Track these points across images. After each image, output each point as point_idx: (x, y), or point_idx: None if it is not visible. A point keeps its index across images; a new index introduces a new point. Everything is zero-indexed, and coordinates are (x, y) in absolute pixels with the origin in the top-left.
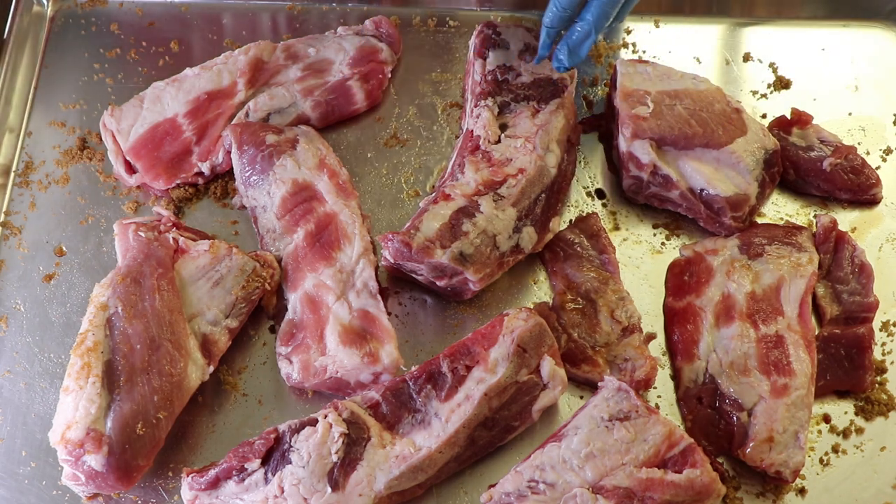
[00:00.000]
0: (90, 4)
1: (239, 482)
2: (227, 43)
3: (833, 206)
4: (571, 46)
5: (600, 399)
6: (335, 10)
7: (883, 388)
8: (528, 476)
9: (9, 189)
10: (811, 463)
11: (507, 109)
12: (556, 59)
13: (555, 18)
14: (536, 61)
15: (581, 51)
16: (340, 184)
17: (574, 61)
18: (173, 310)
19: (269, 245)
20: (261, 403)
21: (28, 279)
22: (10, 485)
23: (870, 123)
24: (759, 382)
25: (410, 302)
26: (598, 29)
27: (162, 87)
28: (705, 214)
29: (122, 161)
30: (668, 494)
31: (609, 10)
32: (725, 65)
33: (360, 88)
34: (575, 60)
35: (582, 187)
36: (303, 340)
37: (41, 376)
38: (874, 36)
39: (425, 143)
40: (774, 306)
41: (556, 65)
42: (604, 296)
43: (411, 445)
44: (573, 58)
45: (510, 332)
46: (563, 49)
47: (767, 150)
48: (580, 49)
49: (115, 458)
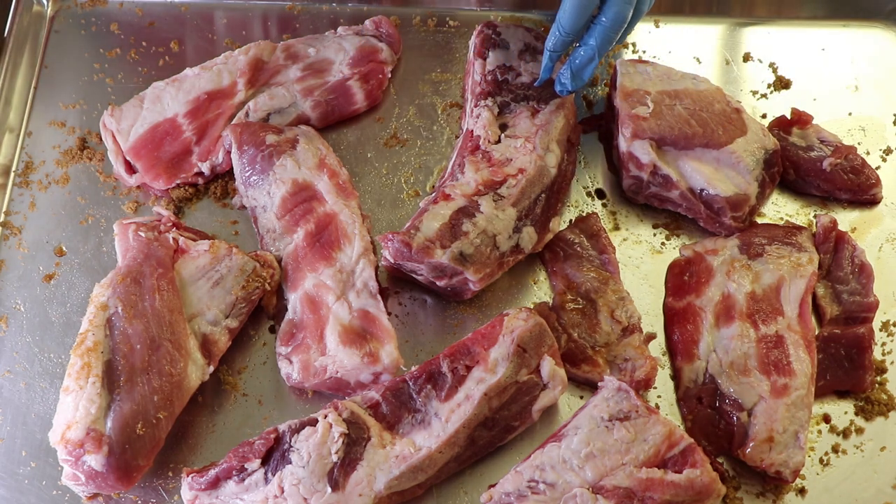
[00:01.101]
0: (90, 4)
1: (239, 482)
2: (227, 43)
3: (833, 206)
4: (575, 70)
5: (600, 399)
6: (335, 10)
7: (883, 388)
8: (528, 476)
9: (9, 189)
10: (811, 463)
11: (507, 109)
12: (559, 83)
13: (557, 42)
14: (538, 83)
15: (584, 74)
16: (340, 184)
17: (577, 85)
18: (173, 310)
19: (269, 245)
20: (261, 403)
21: (28, 279)
22: (10, 485)
23: (870, 123)
24: (759, 382)
25: (410, 302)
26: (602, 53)
27: (162, 87)
28: (705, 214)
29: (122, 161)
30: (668, 494)
31: (612, 35)
32: (725, 65)
33: (360, 88)
34: (578, 84)
35: (582, 187)
36: (303, 340)
37: (41, 376)
38: (874, 36)
39: (425, 143)
40: (774, 306)
41: (558, 88)
42: (604, 296)
43: (411, 445)
44: (576, 81)
45: (510, 332)
46: (566, 73)
47: (767, 150)
48: (583, 73)
49: (115, 458)
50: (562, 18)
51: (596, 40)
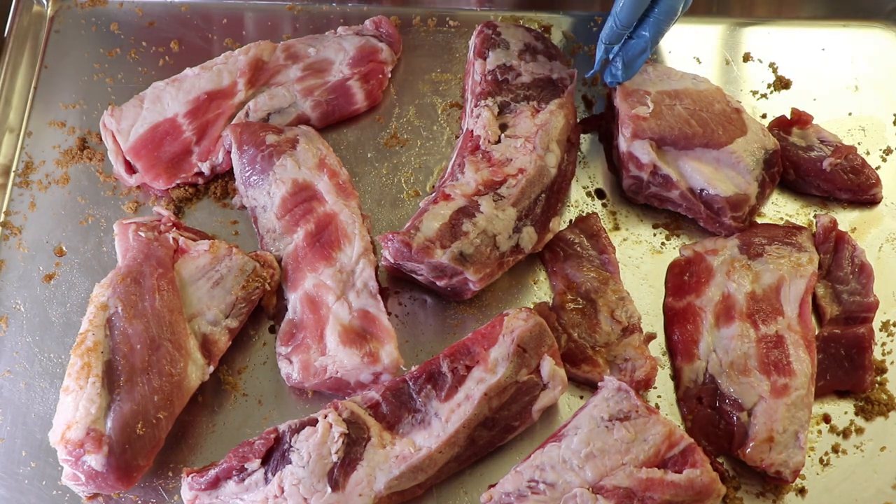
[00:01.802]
0: (90, 4)
1: (239, 482)
2: (227, 43)
3: (833, 206)
4: (627, 61)
5: (600, 399)
6: (335, 10)
7: (883, 388)
8: (528, 476)
9: (9, 189)
10: (811, 463)
11: (508, 109)
12: (610, 75)
13: (612, 35)
14: (589, 75)
15: (636, 65)
16: (340, 184)
17: (629, 76)
18: (173, 310)
19: (269, 245)
20: (261, 403)
21: (28, 279)
22: (10, 485)
23: (870, 123)
24: (759, 382)
25: (410, 302)
26: (654, 44)
27: (162, 87)
28: (705, 214)
29: (122, 161)
30: (668, 494)
31: (665, 27)
32: (725, 65)
33: (360, 88)
34: (629, 75)
35: (582, 187)
36: (303, 340)
37: (41, 376)
38: (874, 36)
39: (425, 143)
40: (774, 306)
41: (609, 80)
42: (604, 296)
43: (411, 445)
44: (628, 72)
45: (510, 332)
46: (618, 64)
47: (767, 150)
48: (635, 64)
49: (115, 458)
50: (619, 12)
51: (650, 31)
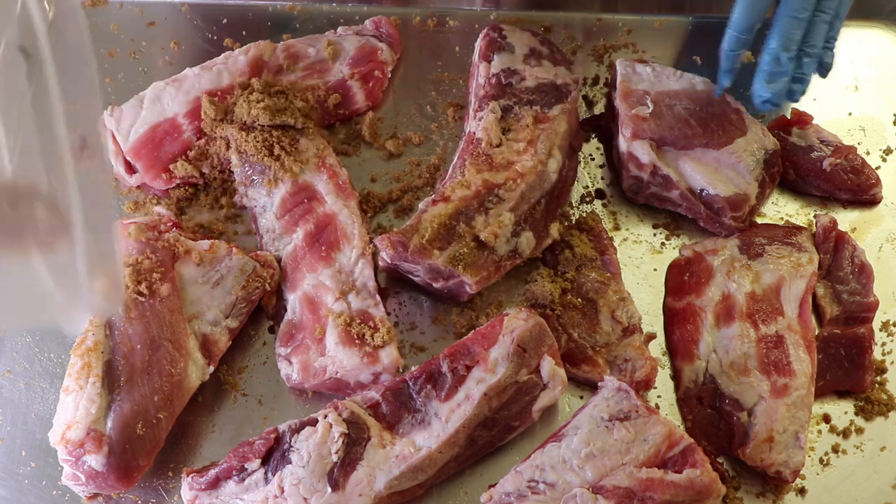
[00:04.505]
0: (90, 4)
1: (239, 482)
2: (227, 43)
3: (833, 206)
4: (767, 80)
5: (600, 399)
6: (335, 10)
7: (883, 388)
8: (528, 476)
9: None
10: (811, 463)
11: (510, 113)
12: (758, 96)
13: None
14: (718, 94)
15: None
16: (340, 184)
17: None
18: (173, 310)
19: (268, 245)
20: (261, 403)
21: None
22: (10, 485)
23: (870, 123)
24: (759, 382)
25: (410, 302)
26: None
27: (162, 87)
28: (705, 214)
29: (122, 161)
30: (668, 494)
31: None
32: None
33: (360, 88)
34: (777, 92)
35: (582, 187)
36: (302, 341)
37: (41, 376)
38: (874, 36)
39: (425, 144)
40: (774, 306)
41: (759, 105)
42: (604, 296)
43: (411, 445)
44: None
45: (510, 332)
46: (760, 83)
47: (767, 150)
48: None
49: (115, 458)
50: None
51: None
